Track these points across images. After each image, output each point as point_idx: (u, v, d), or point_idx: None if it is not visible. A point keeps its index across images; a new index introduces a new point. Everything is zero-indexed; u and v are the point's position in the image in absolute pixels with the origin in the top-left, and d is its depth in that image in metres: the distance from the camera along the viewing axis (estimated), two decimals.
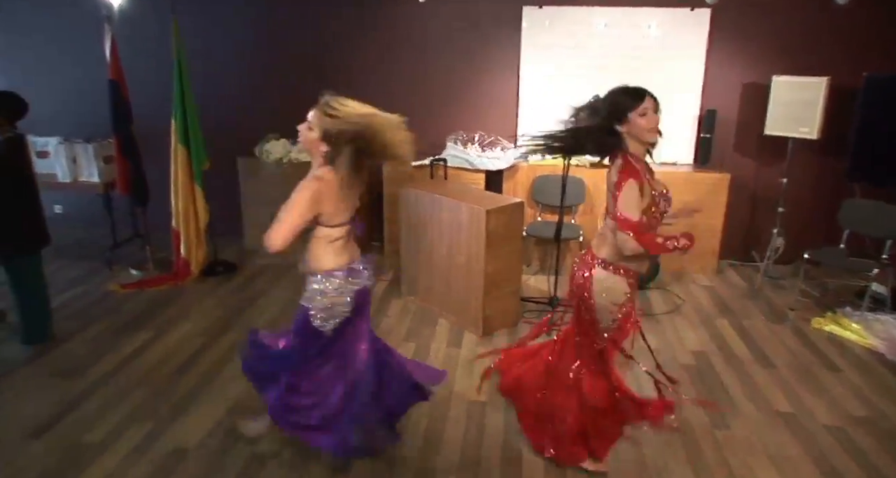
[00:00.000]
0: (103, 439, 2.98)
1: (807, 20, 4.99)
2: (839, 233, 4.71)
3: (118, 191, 5.00)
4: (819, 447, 3.02)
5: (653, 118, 2.37)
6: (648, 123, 2.37)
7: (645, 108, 2.35)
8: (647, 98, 2.37)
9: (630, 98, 2.38)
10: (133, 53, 5.14)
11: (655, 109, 2.39)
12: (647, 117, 2.36)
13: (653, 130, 2.39)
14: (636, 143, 2.43)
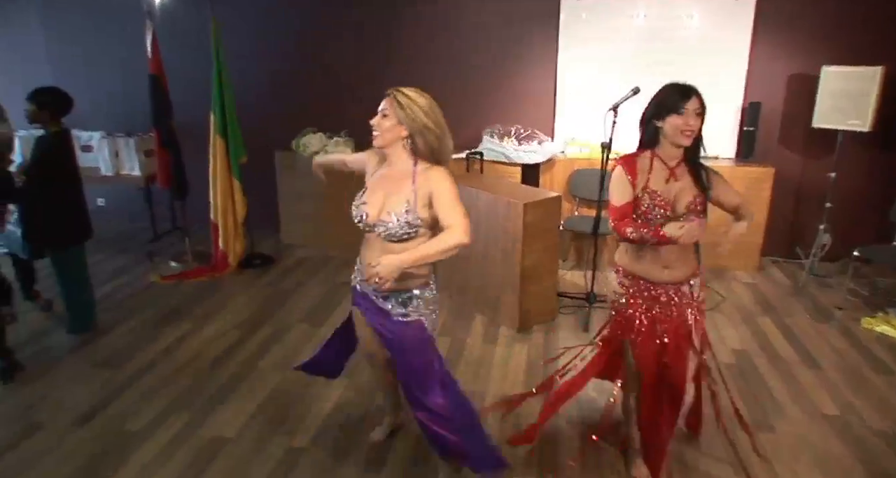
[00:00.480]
0: (144, 428, 3.03)
1: (858, 6, 4.79)
2: (891, 230, 4.53)
3: (158, 184, 5.09)
4: (869, 452, 2.90)
5: (687, 120, 2.27)
6: (681, 124, 2.28)
7: (685, 108, 2.27)
8: (691, 99, 2.28)
9: (674, 96, 2.31)
10: (173, 49, 5.21)
11: (698, 112, 2.29)
12: (682, 118, 2.28)
13: (685, 132, 2.29)
14: (667, 143, 2.36)
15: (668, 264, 2.42)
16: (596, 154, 4.72)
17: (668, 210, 2.36)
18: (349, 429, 3.05)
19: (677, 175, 2.38)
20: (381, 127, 2.23)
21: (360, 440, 2.96)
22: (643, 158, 2.41)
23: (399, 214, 2.20)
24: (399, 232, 2.21)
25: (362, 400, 3.29)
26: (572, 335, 4.01)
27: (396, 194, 2.24)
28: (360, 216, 2.28)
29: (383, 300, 2.36)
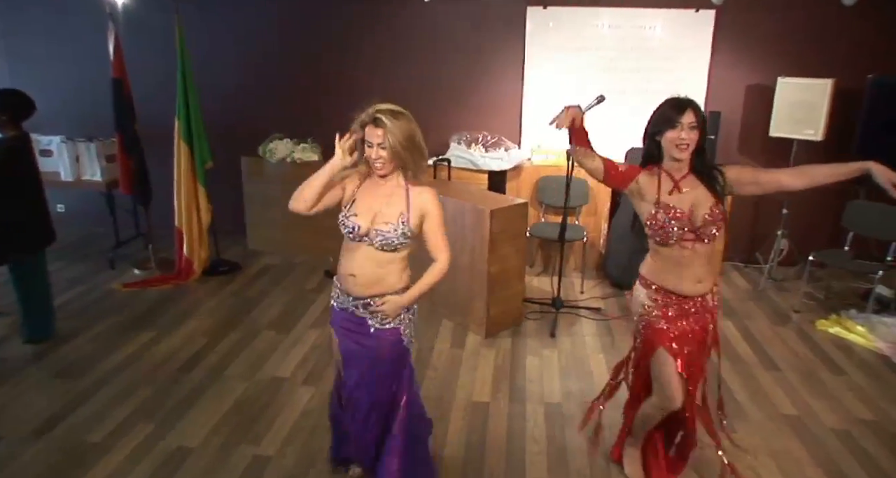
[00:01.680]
0: (106, 439, 2.97)
1: (812, 21, 4.97)
2: (844, 235, 4.70)
3: (121, 190, 4.99)
4: (825, 451, 3.00)
5: (680, 133, 2.28)
6: (675, 138, 2.29)
7: (679, 122, 2.29)
8: (685, 113, 2.29)
9: (669, 111, 2.32)
10: (137, 51, 5.13)
11: (692, 125, 2.28)
12: (677, 131, 2.29)
13: (679, 146, 2.29)
14: (668, 157, 2.37)
15: (701, 279, 2.42)
16: (562, 161, 4.79)
17: (685, 221, 2.34)
18: (317, 436, 3.03)
19: (683, 187, 2.37)
20: (383, 159, 2.22)
21: (326, 447, 2.94)
22: (651, 172, 2.41)
23: (394, 225, 2.25)
24: (395, 241, 2.26)
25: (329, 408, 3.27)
26: (539, 341, 4.06)
27: (389, 206, 2.28)
28: (352, 227, 2.28)
29: (363, 307, 2.35)
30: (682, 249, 2.37)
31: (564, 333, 4.16)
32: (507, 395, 3.43)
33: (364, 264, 2.28)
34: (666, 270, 2.44)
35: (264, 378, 3.55)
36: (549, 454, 2.94)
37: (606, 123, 5.11)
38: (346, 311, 2.40)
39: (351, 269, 2.31)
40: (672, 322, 2.46)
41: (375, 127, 2.18)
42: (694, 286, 2.42)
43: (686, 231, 2.34)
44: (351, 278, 2.30)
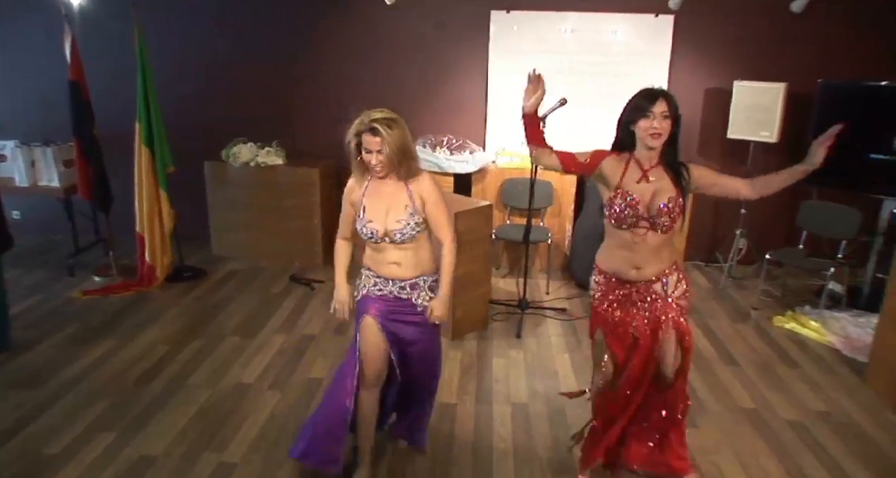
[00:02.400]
0: (65, 451, 2.90)
1: (765, 27, 5.13)
2: (798, 234, 4.85)
3: (80, 195, 4.89)
4: (781, 442, 3.10)
5: (652, 122, 2.33)
6: (647, 126, 2.34)
7: (651, 111, 2.33)
8: (658, 101, 2.33)
9: (642, 100, 2.36)
10: (96, 54, 5.03)
11: (665, 115, 2.33)
12: (649, 120, 2.33)
13: (652, 134, 2.33)
14: (641, 145, 2.41)
15: (639, 265, 2.47)
16: (526, 163, 4.84)
17: (640, 209, 2.39)
18: (283, 441, 3.01)
19: (650, 177, 2.42)
20: (381, 163, 2.41)
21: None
22: (620, 158, 2.46)
23: (404, 219, 2.47)
24: (412, 233, 2.49)
25: (295, 412, 3.25)
26: (505, 342, 4.09)
27: (395, 204, 2.49)
28: (372, 233, 2.49)
29: (410, 289, 2.56)
30: (633, 234, 2.44)
31: (530, 334, 4.21)
32: (473, 396, 3.45)
33: (398, 254, 2.52)
34: (615, 254, 2.52)
35: (229, 385, 3.51)
36: (516, 454, 2.97)
37: (569, 126, 5.19)
38: (385, 297, 2.56)
39: (391, 259, 2.53)
40: (612, 305, 2.56)
41: (373, 136, 2.36)
42: (631, 271, 2.49)
43: (640, 218, 2.41)
44: (395, 266, 2.53)
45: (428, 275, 2.59)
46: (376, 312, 2.55)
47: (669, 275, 2.53)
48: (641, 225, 2.42)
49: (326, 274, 5.15)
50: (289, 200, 5.26)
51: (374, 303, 2.56)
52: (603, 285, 2.59)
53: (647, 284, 2.51)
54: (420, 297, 2.57)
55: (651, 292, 2.52)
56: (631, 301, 2.54)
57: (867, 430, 3.22)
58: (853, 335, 4.12)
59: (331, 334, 4.11)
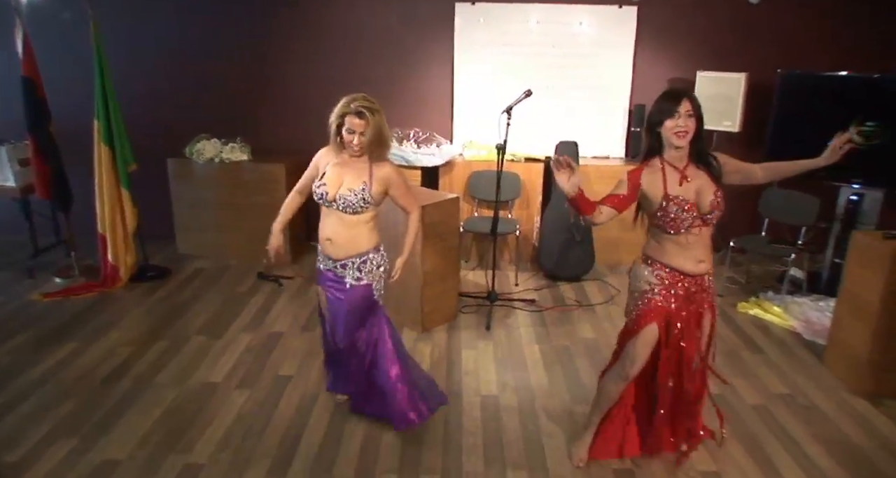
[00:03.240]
0: (24, 457, 2.83)
1: (725, 18, 5.19)
2: (761, 221, 4.94)
3: (38, 195, 4.75)
4: (745, 426, 3.16)
5: (678, 121, 2.37)
6: (673, 126, 2.38)
7: (677, 111, 2.37)
8: (682, 101, 2.37)
9: (666, 102, 2.40)
10: (50, 49, 4.89)
11: (689, 113, 2.37)
12: (675, 120, 2.37)
13: (678, 133, 2.38)
14: (669, 147, 2.45)
15: (701, 259, 2.53)
16: (493, 156, 4.84)
17: (694, 211, 2.44)
18: (251, 439, 2.98)
19: (689, 175, 2.47)
20: (361, 144, 2.66)
21: (262, 449, 2.91)
22: (653, 167, 2.49)
23: (356, 191, 2.70)
24: (356, 205, 2.71)
25: (264, 410, 3.23)
26: (474, 334, 4.11)
27: (354, 177, 2.73)
28: (322, 194, 2.74)
29: (342, 268, 2.83)
30: (688, 234, 2.49)
31: (499, 326, 4.23)
32: (443, 388, 3.44)
33: (336, 228, 2.77)
34: (672, 252, 2.55)
35: (195, 385, 3.46)
36: (486, 445, 2.98)
37: (535, 117, 5.23)
38: (330, 271, 2.88)
39: (327, 233, 2.80)
40: (669, 301, 2.57)
41: (359, 119, 2.62)
42: (697, 266, 2.55)
43: (695, 219, 2.45)
44: (328, 243, 2.81)
45: (359, 255, 2.82)
46: (323, 282, 2.93)
47: (709, 269, 2.63)
48: (696, 224, 2.47)
49: (294, 270, 5.10)
50: (255, 196, 5.19)
51: (322, 274, 2.93)
52: (667, 279, 2.57)
53: (704, 276, 2.59)
54: (350, 275, 2.83)
55: (703, 284, 2.60)
56: (689, 294, 2.58)
57: (825, 410, 3.31)
58: (813, 319, 4.22)
59: (299, 331, 4.08)
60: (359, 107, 2.61)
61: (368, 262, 2.83)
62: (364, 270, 2.83)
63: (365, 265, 2.83)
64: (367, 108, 2.62)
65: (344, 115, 2.64)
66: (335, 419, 3.15)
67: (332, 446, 2.95)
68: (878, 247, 3.34)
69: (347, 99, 2.64)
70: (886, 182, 4.48)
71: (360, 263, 2.82)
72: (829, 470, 2.84)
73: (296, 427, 3.09)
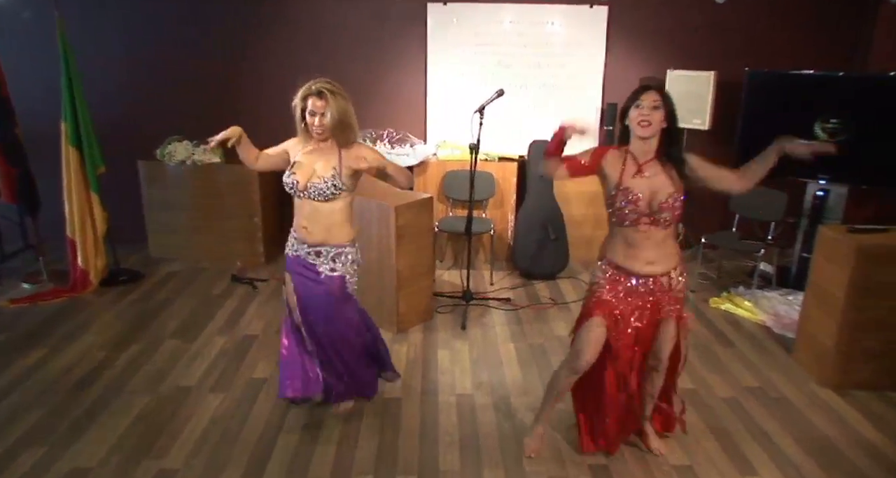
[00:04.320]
0: None
1: (693, 17, 5.27)
2: (732, 218, 5.02)
3: (3, 199, 4.65)
4: (717, 419, 3.21)
5: (642, 112, 2.38)
6: (636, 116, 2.39)
7: (640, 100, 2.38)
8: (647, 92, 2.39)
9: (634, 93, 2.42)
10: (14, 50, 4.80)
11: (654, 105, 2.38)
12: (639, 110, 2.39)
13: (640, 123, 2.38)
14: (637, 139, 2.45)
15: (651, 260, 2.50)
16: (467, 155, 4.85)
17: (640, 207, 2.42)
18: (226, 442, 2.96)
19: (647, 171, 2.46)
20: (323, 126, 2.65)
21: (237, 452, 2.89)
22: (617, 153, 2.51)
23: (327, 178, 2.71)
24: (326, 191, 2.72)
25: (239, 411, 3.20)
26: (450, 334, 4.11)
27: (324, 164, 2.73)
28: (292, 183, 2.75)
29: (315, 255, 2.82)
30: (635, 231, 2.48)
31: (475, 325, 4.24)
32: (419, 388, 3.46)
33: (312, 215, 2.78)
34: (620, 249, 2.55)
35: (169, 389, 3.42)
36: (462, 445, 2.99)
37: (508, 117, 5.25)
38: (299, 257, 2.87)
39: (302, 221, 2.81)
40: (617, 298, 2.57)
41: (319, 98, 2.61)
42: (644, 267, 2.52)
43: (641, 215, 2.44)
44: (304, 229, 2.81)
45: (333, 245, 2.82)
46: (292, 268, 2.91)
47: (674, 268, 2.58)
48: (643, 221, 2.45)
49: (269, 272, 5.06)
50: (228, 198, 5.14)
51: (292, 261, 2.91)
52: (610, 276, 2.59)
53: (656, 278, 2.55)
54: (322, 265, 2.84)
55: (658, 286, 2.56)
56: (637, 294, 2.57)
57: (794, 402, 3.38)
58: (782, 313, 4.30)
59: (273, 334, 4.04)
60: (319, 87, 2.61)
61: (343, 255, 2.86)
62: (338, 262, 2.85)
63: (339, 258, 2.85)
64: (328, 89, 2.62)
65: (306, 96, 2.64)
66: (310, 422, 3.13)
67: (308, 448, 2.94)
68: (843, 241, 3.42)
69: (310, 82, 2.65)
70: (851, 178, 4.58)
71: (334, 254, 2.84)
72: (799, 461, 2.90)
73: (271, 430, 3.06)
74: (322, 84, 2.63)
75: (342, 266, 2.86)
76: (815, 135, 4.57)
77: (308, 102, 2.64)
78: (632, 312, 2.60)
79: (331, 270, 2.84)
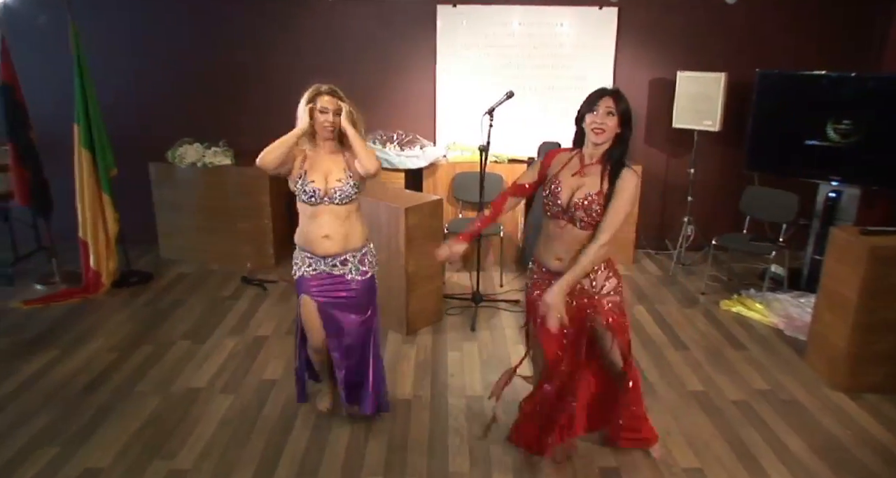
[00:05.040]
0: (4, 468, 2.79)
1: (703, 18, 5.25)
2: (742, 219, 4.99)
3: (17, 202, 4.70)
4: (727, 422, 3.19)
5: (595, 118, 2.37)
6: (591, 121, 2.39)
7: (597, 106, 2.38)
8: (603, 98, 2.38)
9: (591, 97, 2.42)
10: (29, 55, 4.85)
11: (610, 111, 2.37)
12: (593, 116, 2.38)
13: (594, 129, 2.38)
14: (588, 142, 2.45)
15: (559, 256, 2.51)
16: (477, 157, 4.85)
17: (559, 200, 2.45)
18: (236, 444, 2.97)
19: (585, 172, 2.46)
20: (336, 123, 2.68)
21: (247, 453, 2.90)
22: (568, 153, 2.54)
23: (345, 179, 2.71)
24: (350, 191, 2.73)
25: (250, 413, 3.21)
26: (460, 336, 4.11)
27: (335, 167, 2.73)
28: (313, 191, 2.69)
29: (341, 265, 2.81)
30: (555, 225, 2.51)
31: (484, 327, 4.24)
32: (428, 390, 3.46)
33: (332, 223, 2.73)
34: (541, 242, 2.61)
35: (179, 391, 3.44)
36: (471, 447, 2.99)
37: (517, 119, 5.25)
38: (319, 275, 2.82)
39: (322, 231, 2.74)
40: (536, 291, 2.61)
41: (333, 97, 2.67)
42: (553, 262, 2.55)
43: (560, 209, 2.46)
44: (326, 240, 2.75)
45: (357, 250, 2.83)
46: (311, 290, 2.84)
47: (596, 271, 2.53)
48: (563, 217, 2.47)
49: (279, 274, 5.08)
50: (238, 200, 5.16)
51: (310, 282, 2.84)
52: (535, 274, 2.65)
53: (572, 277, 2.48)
54: (351, 271, 2.83)
55: (578, 286, 2.52)
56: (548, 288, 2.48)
57: (806, 405, 3.36)
58: (794, 315, 4.27)
59: (283, 335, 4.06)
60: (330, 87, 2.69)
61: (368, 254, 2.89)
62: (366, 263, 2.88)
63: (366, 258, 2.88)
64: (336, 91, 2.71)
65: (315, 96, 2.67)
66: (320, 423, 3.14)
67: (317, 449, 2.94)
68: (856, 243, 3.39)
69: (314, 87, 2.71)
70: (863, 179, 4.54)
71: (360, 256, 2.86)
72: (810, 464, 2.87)
73: (280, 431, 3.07)
74: (330, 86, 2.71)
75: (370, 266, 2.91)
76: (827, 136, 4.54)
77: (318, 101, 2.68)
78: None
79: (361, 273, 2.86)
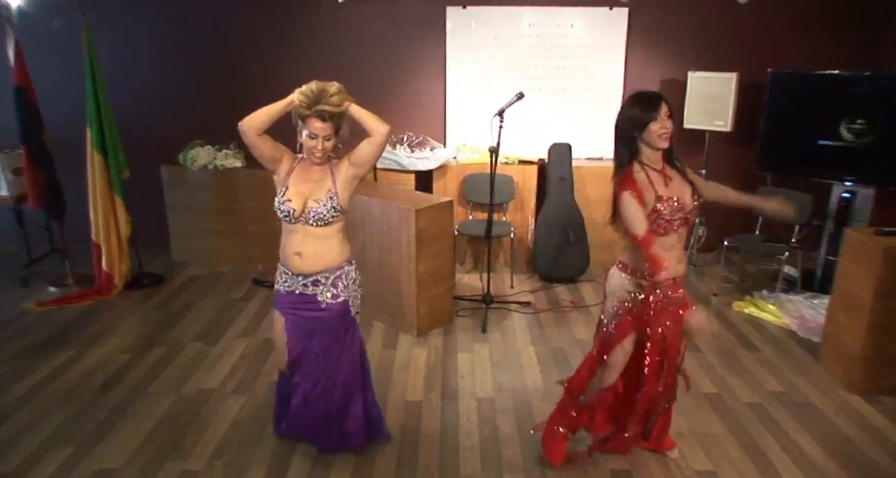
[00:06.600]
0: (18, 467, 2.82)
1: (715, 18, 5.22)
2: (755, 220, 4.96)
3: (31, 204, 4.74)
4: (741, 424, 3.17)
5: (664, 124, 2.39)
6: (658, 129, 2.39)
7: (658, 114, 2.38)
8: (662, 104, 2.39)
9: (645, 107, 2.40)
10: (42, 58, 4.89)
11: (668, 115, 2.40)
12: (658, 123, 2.38)
13: (662, 136, 2.40)
14: (649, 150, 2.45)
15: (680, 259, 2.55)
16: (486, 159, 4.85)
17: (682, 210, 2.46)
18: (248, 445, 2.98)
19: (670, 176, 2.49)
20: (325, 151, 2.46)
21: (259, 455, 2.90)
22: (638, 173, 2.47)
23: (323, 201, 2.47)
24: (326, 215, 2.48)
25: (260, 416, 3.22)
26: (470, 337, 4.11)
27: (319, 186, 2.50)
28: (288, 211, 2.49)
29: (313, 285, 2.58)
30: (673, 235, 2.50)
31: (495, 328, 4.23)
32: (439, 392, 3.46)
33: (306, 242, 2.52)
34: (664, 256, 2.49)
35: (191, 392, 3.45)
36: (483, 448, 2.98)
37: (528, 120, 5.24)
38: (293, 292, 2.61)
39: (295, 248, 2.54)
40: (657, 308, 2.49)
41: (322, 122, 2.38)
42: (677, 266, 2.53)
43: (678, 220, 2.47)
44: (297, 257, 2.54)
45: (330, 271, 2.59)
46: (283, 307, 2.69)
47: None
48: (684, 225, 2.52)
49: None
50: (249, 202, 5.18)
51: (284, 298, 2.67)
52: (647, 290, 2.50)
53: (679, 277, 2.55)
54: (322, 293, 2.59)
55: (681, 283, 2.56)
56: (668, 298, 2.49)
57: (820, 407, 3.32)
58: (807, 317, 4.23)
59: None
60: (321, 110, 2.34)
61: (344, 277, 2.61)
62: (339, 286, 2.60)
63: (340, 281, 2.60)
64: (330, 110, 2.34)
65: (305, 117, 2.38)
66: None
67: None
68: (870, 244, 3.35)
69: (311, 89, 2.36)
70: (878, 180, 4.50)
71: (334, 278, 2.59)
72: (824, 467, 2.85)
73: None
74: (323, 105, 2.34)
75: (345, 289, 2.61)
76: (840, 136, 4.50)
77: (307, 123, 2.39)
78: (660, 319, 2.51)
79: (333, 296, 2.59)
